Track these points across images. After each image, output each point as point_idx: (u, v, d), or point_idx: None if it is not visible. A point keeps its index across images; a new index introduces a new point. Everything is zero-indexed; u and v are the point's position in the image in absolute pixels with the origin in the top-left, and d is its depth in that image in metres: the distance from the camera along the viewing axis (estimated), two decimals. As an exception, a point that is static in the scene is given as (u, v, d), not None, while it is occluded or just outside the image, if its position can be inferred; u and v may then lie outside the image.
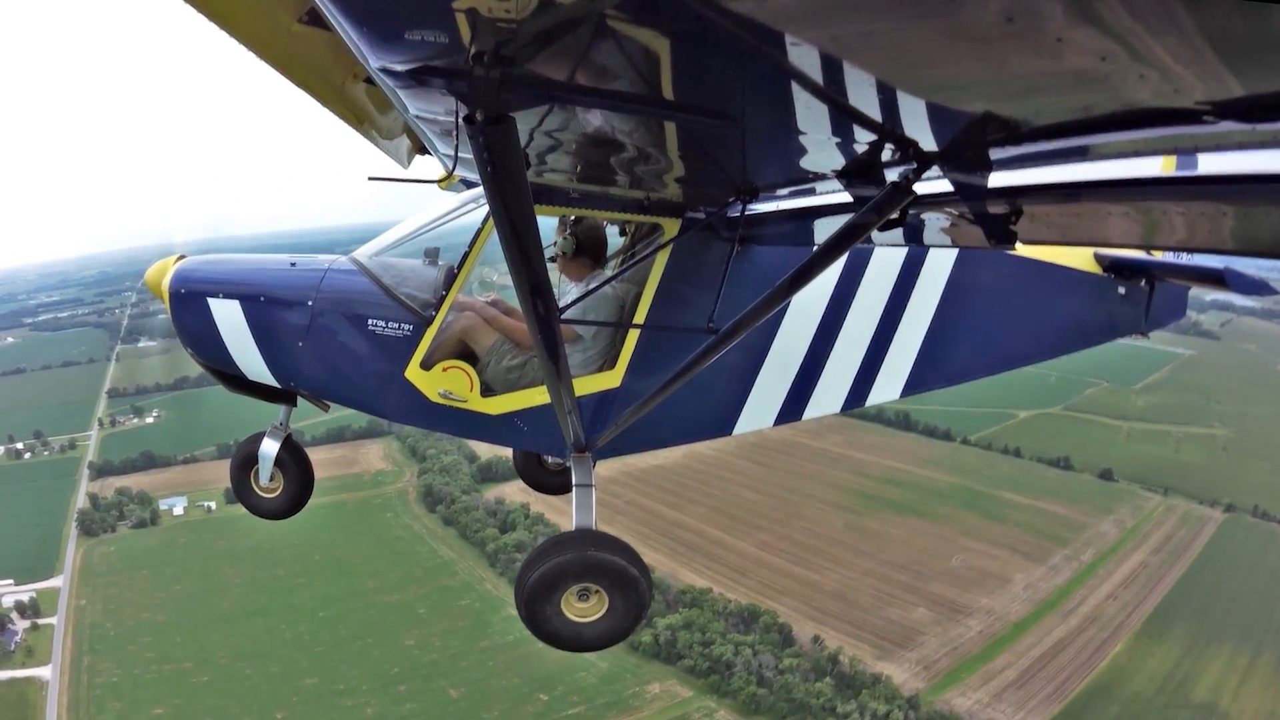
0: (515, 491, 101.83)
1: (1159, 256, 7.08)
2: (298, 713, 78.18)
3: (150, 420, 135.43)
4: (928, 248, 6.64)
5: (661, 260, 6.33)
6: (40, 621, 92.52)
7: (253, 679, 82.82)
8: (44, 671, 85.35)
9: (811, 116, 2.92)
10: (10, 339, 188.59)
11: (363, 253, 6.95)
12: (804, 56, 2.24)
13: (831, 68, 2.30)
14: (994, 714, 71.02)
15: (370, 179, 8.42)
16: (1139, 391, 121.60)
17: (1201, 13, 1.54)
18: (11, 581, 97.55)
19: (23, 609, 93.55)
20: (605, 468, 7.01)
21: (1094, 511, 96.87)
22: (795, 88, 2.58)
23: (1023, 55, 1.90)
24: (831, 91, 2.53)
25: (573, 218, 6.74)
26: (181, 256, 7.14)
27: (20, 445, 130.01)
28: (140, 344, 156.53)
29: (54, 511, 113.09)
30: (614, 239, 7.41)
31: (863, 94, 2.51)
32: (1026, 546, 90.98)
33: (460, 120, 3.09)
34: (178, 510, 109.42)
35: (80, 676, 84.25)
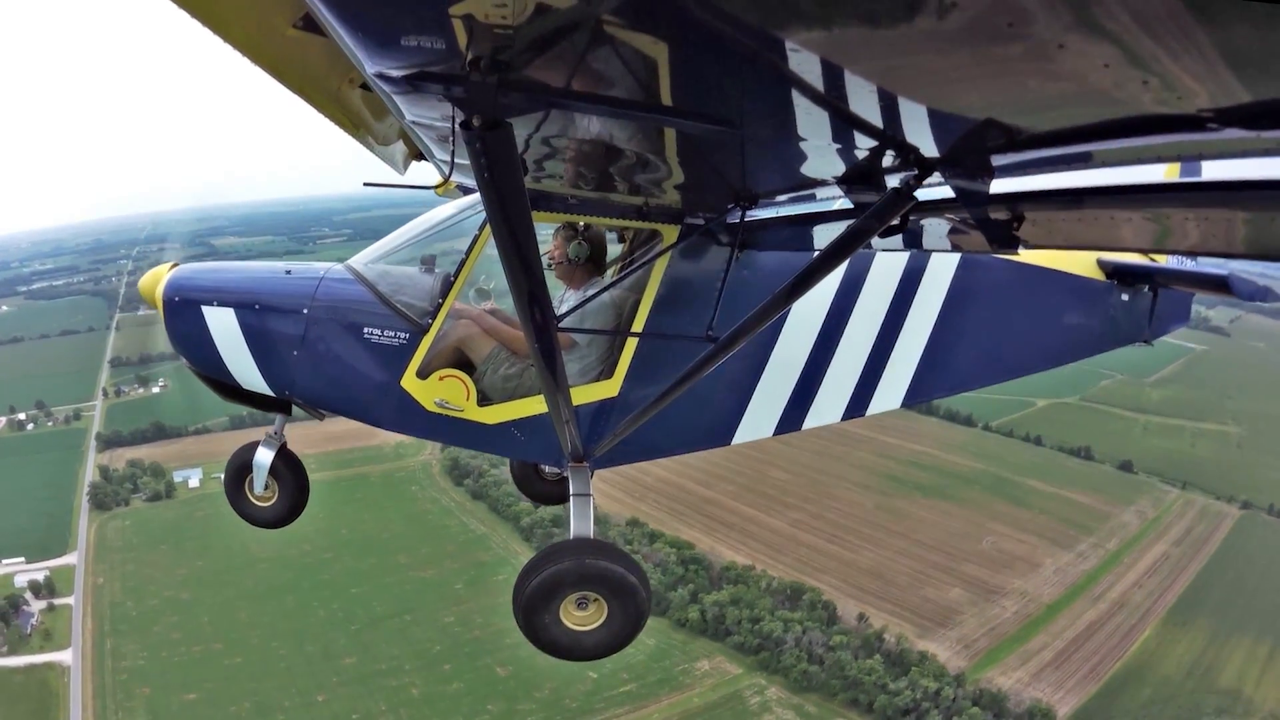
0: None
1: (1162, 262, 7.17)
2: (340, 694, 77.07)
3: (156, 390, 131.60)
4: (929, 255, 6.73)
5: (660, 267, 6.34)
6: (57, 602, 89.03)
7: (288, 659, 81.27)
8: (64, 656, 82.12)
9: (812, 122, 2.92)
10: (5, 307, 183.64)
11: (358, 260, 6.95)
12: (804, 62, 2.24)
13: (832, 73, 2.30)
14: (1035, 692, 73.97)
15: (366, 184, 8.42)
16: (1152, 385, 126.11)
17: (1205, 19, 1.53)
18: (22, 559, 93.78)
19: (37, 589, 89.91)
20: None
21: (1116, 502, 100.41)
22: (795, 93, 2.58)
23: (1024, 62, 1.91)
24: (832, 97, 2.54)
25: (582, 225, 6.76)
26: (175, 264, 7.08)
27: (23, 416, 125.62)
28: (140, 312, 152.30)
29: (62, 484, 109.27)
30: (612, 246, 7.40)
31: (863, 100, 2.51)
32: (1053, 533, 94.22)
33: (457, 126, 3.09)
34: (193, 482, 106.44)
35: (104, 660, 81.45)
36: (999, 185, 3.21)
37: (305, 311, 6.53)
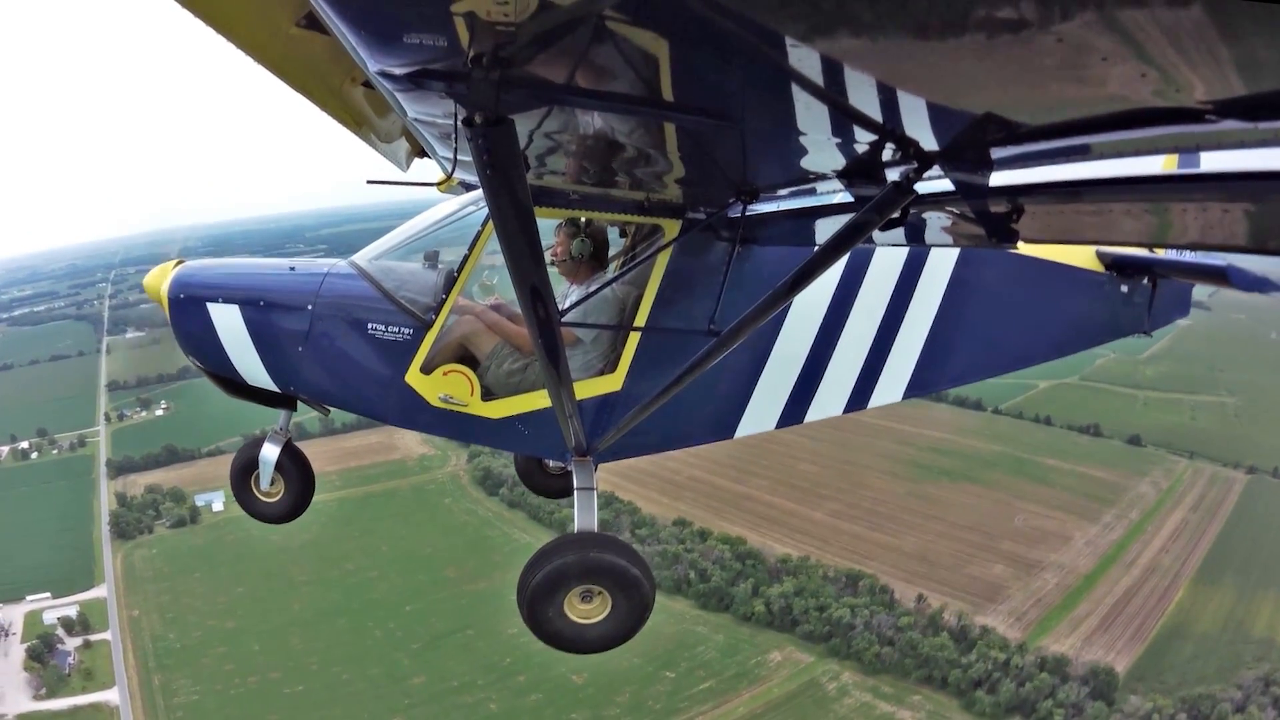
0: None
1: (1161, 254, 7.17)
2: (416, 715, 75.50)
3: (160, 412, 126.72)
4: (929, 248, 6.75)
5: (662, 262, 6.38)
6: (93, 638, 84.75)
7: (354, 684, 79.10)
8: (110, 695, 78.22)
9: (812, 116, 2.97)
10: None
11: (362, 256, 7.00)
12: (804, 57, 2.28)
13: (832, 68, 2.34)
14: (1089, 656, 78.44)
15: (369, 182, 8.38)
16: (1145, 361, 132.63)
17: (1203, 11, 1.55)
18: (48, 595, 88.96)
19: (69, 625, 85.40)
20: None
21: (1130, 474, 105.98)
22: (795, 88, 2.63)
23: (1023, 55, 1.93)
24: (832, 91, 2.58)
25: (583, 220, 6.82)
26: (180, 261, 7.17)
27: (25, 444, 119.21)
28: (128, 335, 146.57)
29: (78, 514, 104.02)
30: (614, 241, 7.52)
31: (863, 94, 2.56)
32: (1077, 507, 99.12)
33: (459, 123, 3.13)
34: (217, 506, 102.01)
35: (154, 698, 77.89)
36: (998, 178, 3.30)
37: (310, 308, 6.57)
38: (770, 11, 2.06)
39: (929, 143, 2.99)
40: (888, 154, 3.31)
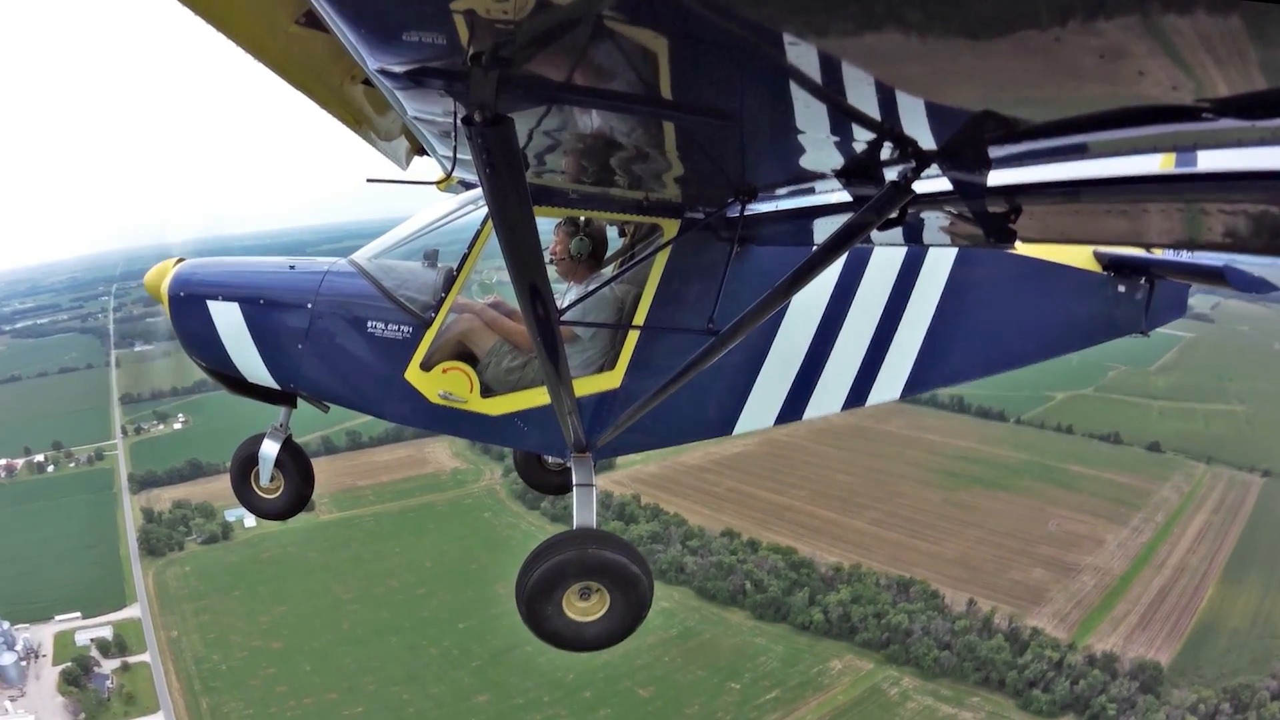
0: (608, 484, 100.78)
1: (1159, 254, 7.21)
2: (484, 733, 74.20)
3: (178, 426, 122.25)
4: (927, 247, 6.80)
5: (661, 261, 6.41)
6: (131, 660, 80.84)
7: (415, 703, 77.23)
8: (155, 720, 74.89)
9: (810, 116, 2.98)
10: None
11: (362, 255, 7.05)
12: (802, 55, 2.30)
13: (830, 66, 2.35)
14: (1132, 653, 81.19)
15: (369, 180, 8.41)
16: (1156, 373, 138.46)
17: (1202, 10, 1.55)
18: (78, 614, 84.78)
19: (105, 647, 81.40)
20: (693, 457, 9.07)
21: (1152, 479, 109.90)
22: (794, 87, 2.64)
23: (1022, 53, 1.94)
24: (830, 90, 2.60)
25: (582, 219, 6.86)
26: (180, 259, 7.21)
27: (41, 457, 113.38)
28: (136, 347, 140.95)
29: (102, 529, 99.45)
30: (613, 240, 7.57)
31: (861, 93, 2.56)
32: (1106, 511, 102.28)
33: (459, 121, 3.13)
34: (250, 521, 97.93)
35: (204, 723, 74.68)
36: (996, 177, 3.30)
37: (309, 306, 6.63)
38: (769, 10, 2.07)
39: (927, 141, 3.00)
40: (886, 153, 3.31)
